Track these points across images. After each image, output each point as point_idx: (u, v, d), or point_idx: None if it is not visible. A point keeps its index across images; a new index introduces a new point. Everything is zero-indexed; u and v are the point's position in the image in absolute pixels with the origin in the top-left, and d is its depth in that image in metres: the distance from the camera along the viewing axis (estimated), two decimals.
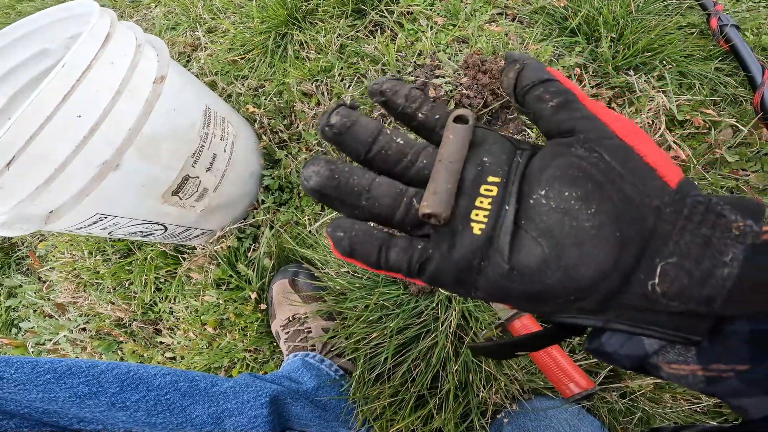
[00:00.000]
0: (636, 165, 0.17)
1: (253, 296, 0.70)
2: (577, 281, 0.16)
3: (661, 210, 0.16)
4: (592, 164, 0.17)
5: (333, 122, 0.20)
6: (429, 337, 0.57)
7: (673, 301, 0.15)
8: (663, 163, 0.17)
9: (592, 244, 0.16)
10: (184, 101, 0.55)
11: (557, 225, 0.16)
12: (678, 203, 0.16)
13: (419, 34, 0.80)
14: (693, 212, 0.15)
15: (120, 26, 0.49)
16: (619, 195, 0.16)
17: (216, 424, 0.44)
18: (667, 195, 0.16)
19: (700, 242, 0.15)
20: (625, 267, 0.16)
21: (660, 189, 0.16)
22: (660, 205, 0.16)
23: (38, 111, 0.39)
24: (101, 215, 0.50)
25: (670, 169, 0.17)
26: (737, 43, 0.71)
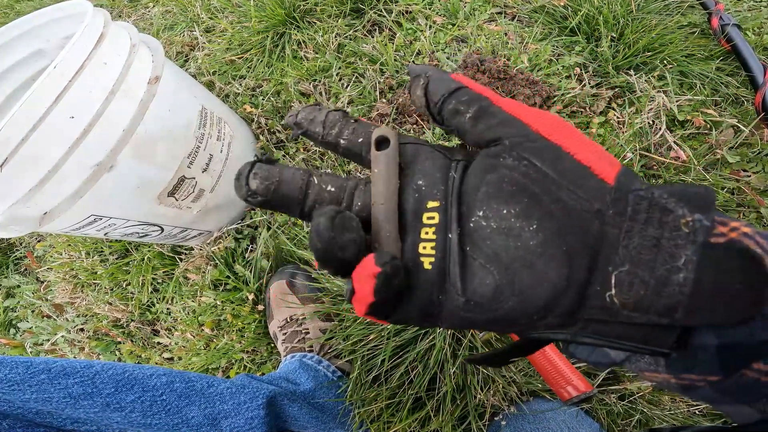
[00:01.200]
0: (568, 166, 0.16)
1: (251, 297, 0.70)
2: (534, 303, 0.15)
3: (603, 213, 0.15)
4: (524, 174, 0.16)
5: (255, 188, 0.18)
6: (426, 339, 0.57)
7: (634, 312, 0.14)
8: (596, 158, 0.16)
9: (542, 264, 0.15)
10: (180, 101, 0.55)
11: (503, 248, 0.16)
12: (619, 202, 0.15)
13: (418, 34, 0.79)
14: (637, 210, 0.14)
15: (114, 26, 0.48)
16: (557, 205, 0.15)
17: (212, 425, 0.43)
18: (607, 194, 0.15)
19: (649, 245, 0.14)
20: (579, 281, 0.15)
21: (598, 189, 0.15)
22: (601, 207, 0.15)
23: (30, 112, 0.38)
24: (96, 217, 0.50)
25: (605, 162, 0.16)
26: (738, 42, 0.70)
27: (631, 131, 0.66)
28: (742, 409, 0.15)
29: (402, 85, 0.76)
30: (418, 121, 0.71)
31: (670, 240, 0.14)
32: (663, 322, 0.14)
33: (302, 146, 0.78)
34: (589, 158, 0.16)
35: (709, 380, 0.15)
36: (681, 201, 0.14)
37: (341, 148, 0.20)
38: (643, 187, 0.15)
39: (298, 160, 0.76)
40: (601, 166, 0.15)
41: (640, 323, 0.14)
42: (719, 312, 0.13)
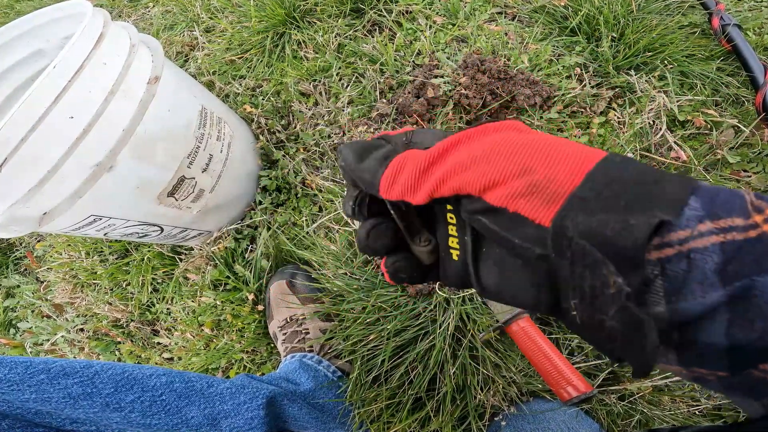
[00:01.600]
0: (504, 220, 0.17)
1: (251, 297, 0.70)
2: (522, 304, 0.19)
3: (548, 257, 0.16)
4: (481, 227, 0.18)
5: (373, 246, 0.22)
6: (427, 339, 0.57)
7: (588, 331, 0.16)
8: (528, 204, 0.16)
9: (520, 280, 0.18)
10: (180, 101, 0.55)
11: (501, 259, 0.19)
12: (558, 247, 0.16)
13: (418, 34, 0.79)
14: (574, 257, 0.15)
15: (113, 26, 0.48)
16: (512, 252, 0.18)
17: (212, 425, 0.43)
18: (547, 237, 0.16)
19: (589, 293, 0.15)
20: (548, 302, 0.17)
21: (535, 237, 0.16)
22: (543, 251, 0.16)
23: (30, 112, 0.38)
24: (96, 217, 0.50)
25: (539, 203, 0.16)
26: (739, 42, 0.70)
27: (632, 131, 0.66)
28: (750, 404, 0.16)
29: (402, 85, 0.76)
30: (419, 121, 0.71)
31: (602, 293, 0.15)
32: (607, 347, 0.16)
33: (302, 147, 0.78)
34: (520, 206, 0.16)
35: (718, 375, 0.16)
36: (608, 255, 0.15)
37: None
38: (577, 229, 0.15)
39: (298, 161, 0.76)
40: (535, 211, 0.16)
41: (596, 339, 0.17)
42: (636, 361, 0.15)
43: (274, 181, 0.76)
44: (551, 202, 0.16)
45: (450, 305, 0.58)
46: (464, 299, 0.58)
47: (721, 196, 0.15)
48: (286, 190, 0.77)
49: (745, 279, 0.14)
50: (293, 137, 0.79)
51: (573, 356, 0.57)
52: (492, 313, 0.57)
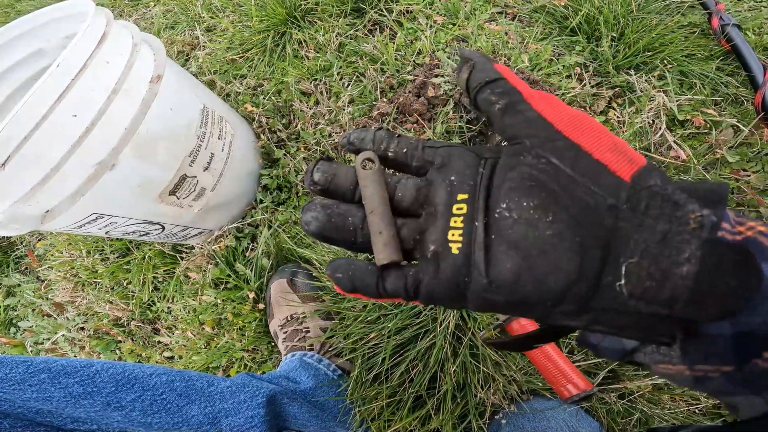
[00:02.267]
0: (586, 164, 0.17)
1: (252, 296, 0.70)
2: (549, 289, 0.17)
3: (617, 208, 0.16)
4: (543, 171, 0.17)
5: (316, 179, 0.22)
6: (427, 337, 0.57)
7: (640, 301, 0.15)
8: (614, 157, 0.17)
9: (556, 253, 0.16)
10: (181, 100, 0.55)
11: (523, 237, 0.17)
12: (634, 198, 0.16)
13: (418, 33, 0.79)
14: (650, 205, 0.15)
15: (116, 25, 0.48)
16: (572, 200, 0.16)
17: (212, 424, 0.44)
18: (622, 190, 0.16)
19: (658, 239, 0.15)
20: (592, 272, 0.16)
21: (613, 186, 0.16)
22: (615, 203, 0.16)
23: (33, 111, 0.38)
24: (98, 215, 0.50)
25: (624, 160, 0.17)
26: (738, 42, 0.70)
27: (632, 131, 0.66)
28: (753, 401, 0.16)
29: (403, 84, 0.76)
30: (419, 120, 0.71)
31: (677, 234, 0.15)
32: (663, 312, 0.15)
33: (303, 146, 0.78)
34: (606, 157, 0.17)
35: (722, 370, 0.16)
36: (693, 197, 0.15)
37: (390, 160, 0.23)
38: (659, 183, 0.16)
39: (299, 159, 0.76)
40: (618, 164, 0.16)
41: (646, 313, 0.15)
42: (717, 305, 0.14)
43: (275, 180, 0.76)
44: (632, 163, 0.16)
45: None
46: None
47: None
48: (287, 188, 0.77)
49: None
50: (294, 136, 0.79)
51: (573, 354, 0.58)
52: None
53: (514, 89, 0.19)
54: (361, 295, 0.20)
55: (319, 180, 0.22)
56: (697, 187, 0.15)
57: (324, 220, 0.21)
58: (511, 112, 0.19)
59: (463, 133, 0.71)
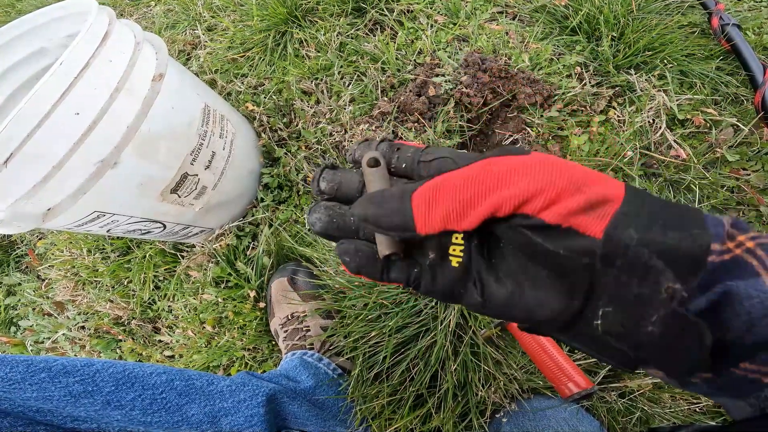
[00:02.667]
0: (556, 234, 0.18)
1: (252, 294, 0.70)
2: (536, 317, 0.19)
3: (593, 266, 0.17)
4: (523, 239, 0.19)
5: (322, 188, 0.24)
6: (428, 336, 0.57)
7: (612, 339, 0.17)
8: (582, 220, 0.17)
9: (546, 292, 0.18)
10: (183, 99, 0.55)
11: (520, 269, 0.19)
12: (607, 258, 0.16)
13: (419, 33, 0.80)
14: (624, 266, 0.16)
15: (118, 24, 0.48)
16: (555, 260, 0.18)
17: (212, 423, 0.44)
18: (596, 248, 0.17)
19: (631, 299, 0.16)
20: (574, 310, 0.18)
21: (586, 247, 0.17)
22: (590, 261, 0.17)
23: (36, 109, 0.38)
24: (99, 213, 0.50)
25: (594, 218, 0.17)
26: (738, 42, 0.71)
27: (632, 130, 0.67)
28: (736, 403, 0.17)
29: (403, 83, 0.76)
30: (420, 119, 0.71)
31: (649, 299, 0.16)
32: (630, 354, 0.17)
33: (303, 144, 0.78)
34: (573, 221, 0.17)
35: (702, 377, 0.17)
36: (669, 264, 0.16)
37: (392, 171, 0.24)
38: (634, 239, 0.16)
39: (299, 158, 0.76)
40: (587, 224, 0.17)
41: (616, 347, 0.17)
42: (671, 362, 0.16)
43: (276, 179, 0.76)
44: (603, 218, 0.17)
45: None
46: None
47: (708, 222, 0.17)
48: (287, 187, 0.77)
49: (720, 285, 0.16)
50: (295, 135, 0.79)
51: (573, 353, 0.58)
52: None
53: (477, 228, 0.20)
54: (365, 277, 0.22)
55: (326, 189, 0.24)
56: (676, 248, 0.16)
57: (327, 220, 0.23)
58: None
59: (464, 132, 0.72)
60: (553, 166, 0.18)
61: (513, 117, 0.72)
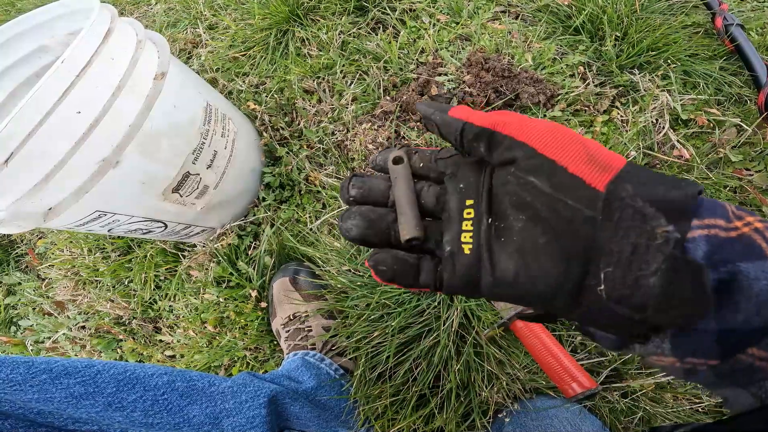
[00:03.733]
0: (561, 179, 0.18)
1: (254, 294, 0.70)
2: (540, 289, 0.19)
3: (595, 219, 0.17)
4: (525, 190, 0.19)
5: (353, 195, 0.25)
6: (431, 336, 0.57)
7: (617, 305, 0.17)
8: (588, 169, 0.18)
9: (545, 259, 0.18)
10: (185, 98, 0.55)
11: (523, 243, 0.19)
12: (608, 209, 0.17)
13: (422, 32, 0.79)
14: (622, 218, 0.16)
15: (120, 22, 0.48)
16: (553, 215, 0.18)
17: (214, 424, 0.43)
18: (598, 201, 0.17)
19: (629, 251, 0.16)
20: (576, 276, 0.17)
21: (588, 198, 0.17)
22: (592, 214, 0.17)
23: (37, 107, 0.38)
24: (101, 212, 0.50)
25: (597, 170, 0.18)
26: (742, 42, 0.70)
27: (635, 130, 0.66)
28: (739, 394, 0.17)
29: (406, 82, 0.76)
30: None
31: (645, 248, 0.16)
32: (636, 317, 0.17)
33: (305, 143, 0.78)
34: (581, 169, 0.18)
35: (709, 364, 0.17)
36: (660, 210, 0.16)
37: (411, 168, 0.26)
38: (631, 192, 0.17)
39: (301, 157, 0.76)
40: (593, 175, 0.18)
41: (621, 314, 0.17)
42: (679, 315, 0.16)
43: (278, 178, 0.76)
44: (606, 171, 0.17)
45: (454, 302, 0.58)
46: None
47: (705, 202, 0.17)
48: (289, 186, 0.77)
49: (730, 265, 0.15)
50: (297, 134, 0.79)
51: (576, 353, 0.58)
52: (496, 310, 0.57)
53: (481, 128, 0.21)
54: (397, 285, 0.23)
55: (357, 195, 0.25)
56: (664, 196, 0.16)
57: (364, 225, 0.23)
58: (493, 148, 0.21)
59: None
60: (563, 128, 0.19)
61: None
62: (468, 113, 0.22)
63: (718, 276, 0.15)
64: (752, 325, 0.15)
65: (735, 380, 0.17)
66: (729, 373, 0.17)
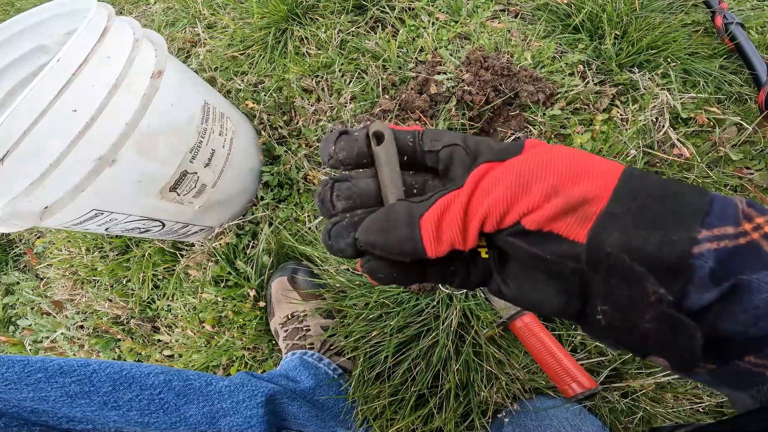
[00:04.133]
0: (539, 240, 0.18)
1: (252, 294, 0.70)
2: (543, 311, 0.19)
3: (582, 270, 0.17)
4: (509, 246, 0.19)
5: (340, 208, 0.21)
6: (430, 335, 0.57)
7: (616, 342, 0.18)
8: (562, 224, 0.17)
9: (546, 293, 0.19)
10: (183, 96, 0.54)
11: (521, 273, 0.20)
12: (593, 263, 0.17)
13: (421, 31, 0.79)
14: (610, 272, 0.16)
15: (117, 21, 0.48)
16: (546, 265, 0.18)
17: (210, 423, 0.43)
18: (581, 253, 0.17)
19: (624, 300, 0.16)
20: (574, 309, 0.18)
21: (570, 252, 0.17)
22: (576, 266, 0.17)
23: (32, 106, 0.38)
24: (97, 211, 0.49)
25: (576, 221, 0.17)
26: (742, 41, 0.70)
27: (635, 128, 0.66)
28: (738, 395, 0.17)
29: (405, 81, 0.75)
30: (421, 117, 0.71)
31: (640, 301, 0.16)
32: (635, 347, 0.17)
33: (304, 142, 0.77)
34: (555, 226, 0.17)
35: (707, 367, 0.17)
36: (651, 271, 0.16)
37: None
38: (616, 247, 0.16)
39: (300, 156, 0.75)
40: (569, 229, 0.17)
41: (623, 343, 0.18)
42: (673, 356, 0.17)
43: (276, 177, 0.76)
44: (585, 220, 0.17)
45: (453, 301, 0.58)
46: (467, 295, 0.58)
47: (716, 205, 0.16)
48: (288, 185, 0.77)
49: (733, 278, 0.15)
50: (295, 133, 0.79)
51: (576, 353, 0.57)
52: (495, 309, 0.57)
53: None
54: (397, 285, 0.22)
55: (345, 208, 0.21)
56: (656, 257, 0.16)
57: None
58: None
59: (466, 130, 0.71)
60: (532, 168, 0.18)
61: (515, 115, 0.71)
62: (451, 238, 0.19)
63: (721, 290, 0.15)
64: (749, 335, 0.15)
65: (733, 384, 0.17)
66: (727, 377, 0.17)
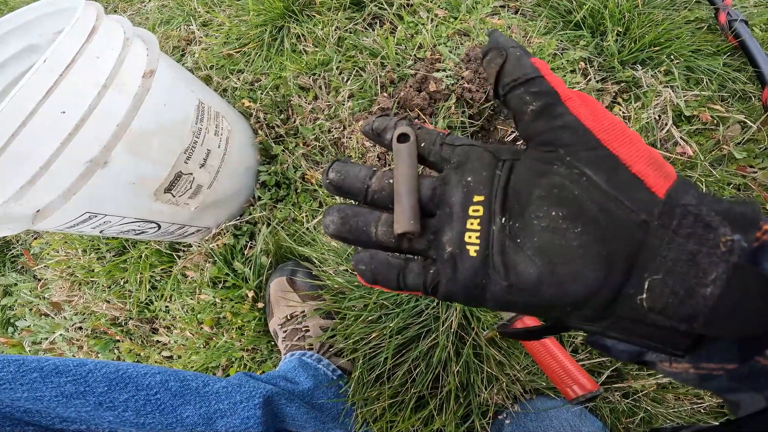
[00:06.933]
0: (621, 178, 0.17)
1: (251, 295, 0.69)
2: (570, 296, 0.17)
3: (648, 224, 0.16)
4: (576, 183, 0.17)
5: (331, 177, 0.23)
6: (429, 337, 0.56)
7: (659, 315, 0.15)
8: (651, 172, 0.16)
9: (581, 263, 0.17)
10: (176, 96, 0.53)
11: (548, 244, 0.17)
12: (666, 215, 0.16)
13: (419, 27, 0.78)
14: (681, 225, 0.15)
15: (107, 20, 0.47)
16: (604, 214, 0.16)
17: (207, 424, 0.43)
18: (655, 206, 0.16)
19: (685, 259, 0.15)
20: (614, 284, 0.16)
21: (647, 201, 0.16)
22: (647, 218, 0.16)
23: (19, 107, 0.37)
24: (91, 214, 0.49)
25: (660, 174, 0.16)
26: (746, 38, 0.69)
27: (637, 126, 0.65)
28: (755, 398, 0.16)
29: (403, 78, 0.74)
30: (420, 115, 0.70)
31: (706, 256, 0.15)
32: (682, 328, 0.15)
33: (301, 141, 0.76)
34: (644, 170, 0.16)
35: (726, 368, 0.16)
36: (726, 219, 0.15)
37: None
38: (694, 202, 0.15)
39: (297, 155, 0.74)
40: (654, 179, 0.16)
41: (663, 326, 0.16)
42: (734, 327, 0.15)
43: (274, 177, 0.75)
44: (667, 178, 0.16)
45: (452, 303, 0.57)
46: None
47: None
48: (285, 185, 0.76)
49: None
50: (293, 132, 0.78)
51: (577, 354, 0.57)
52: (496, 311, 0.56)
53: (552, 90, 0.18)
54: (382, 287, 0.21)
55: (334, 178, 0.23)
56: (730, 209, 0.15)
57: (339, 222, 0.22)
58: (546, 117, 0.18)
59: (465, 128, 0.70)
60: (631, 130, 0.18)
61: None
62: (547, 69, 0.19)
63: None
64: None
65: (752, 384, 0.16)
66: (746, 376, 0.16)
